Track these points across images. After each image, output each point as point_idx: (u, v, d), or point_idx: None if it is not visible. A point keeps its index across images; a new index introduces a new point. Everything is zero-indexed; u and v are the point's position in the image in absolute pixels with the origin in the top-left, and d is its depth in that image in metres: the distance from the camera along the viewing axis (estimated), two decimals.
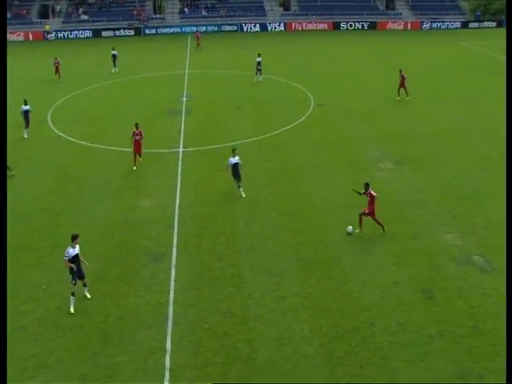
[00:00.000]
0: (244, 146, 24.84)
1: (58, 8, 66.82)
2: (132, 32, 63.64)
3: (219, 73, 41.16)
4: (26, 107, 25.84)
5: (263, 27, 65.75)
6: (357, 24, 66.44)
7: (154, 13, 69.21)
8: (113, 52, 41.70)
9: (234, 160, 19.40)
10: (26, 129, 26.24)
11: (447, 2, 70.82)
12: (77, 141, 26.15)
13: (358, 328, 12.99)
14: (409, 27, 66.95)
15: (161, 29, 64.77)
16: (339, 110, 30.67)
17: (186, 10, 68.78)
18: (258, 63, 37.09)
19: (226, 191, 20.24)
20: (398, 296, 14.13)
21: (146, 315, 13.46)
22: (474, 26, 67.80)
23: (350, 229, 17.09)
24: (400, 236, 16.99)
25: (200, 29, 62.97)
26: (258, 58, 37.15)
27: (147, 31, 64.23)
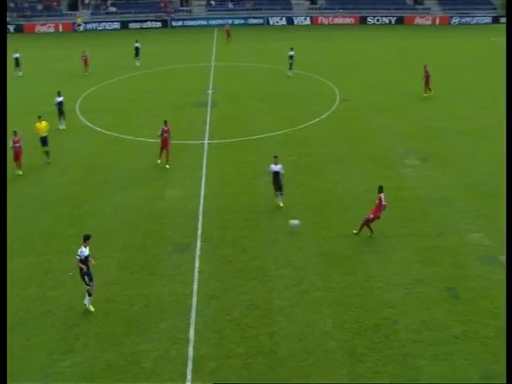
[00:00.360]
0: (269, 139, 24.87)
1: (86, 0, 67.50)
2: (159, 24, 63.95)
3: (245, 66, 41.13)
4: (60, 98, 26.08)
5: (289, 21, 65.39)
6: (384, 18, 65.55)
7: (181, 5, 69.35)
8: (136, 44, 41.70)
9: (275, 168, 17.96)
10: (61, 120, 26.41)
11: None
12: (104, 131, 26.50)
13: (380, 325, 12.94)
14: (437, 22, 65.74)
15: (187, 21, 64.91)
16: (365, 105, 30.39)
17: (213, 2, 68.74)
18: (290, 57, 36.61)
19: (251, 184, 20.29)
20: (421, 294, 14.01)
21: (170, 305, 13.63)
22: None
23: (293, 223, 16.70)
24: (425, 233, 16.82)
25: (226, 22, 62.94)
26: (291, 52, 36.73)
27: (174, 23, 64.46)
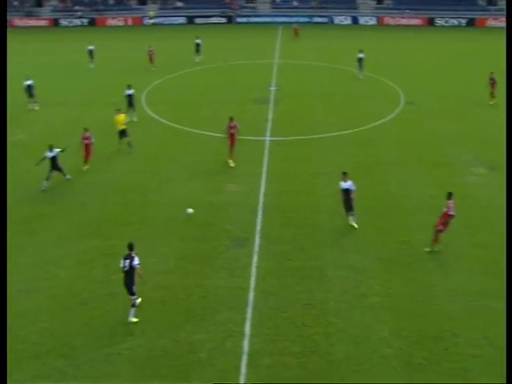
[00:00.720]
0: (331, 139, 24.65)
1: None
2: (224, 20, 64.66)
3: (308, 64, 40.88)
4: (130, 91, 26.69)
5: (354, 20, 64.44)
6: (453, 20, 63.32)
7: (246, 2, 69.79)
8: (196, 41, 41.94)
9: (344, 185, 16.64)
10: (130, 112, 26.75)
11: None
12: (168, 123, 27.09)
13: (440, 336, 12.53)
14: None
15: (252, 18, 65.25)
16: (430, 109, 29.51)
17: None
18: (360, 59, 35.71)
19: (311, 183, 20.17)
20: (485, 307, 13.47)
21: (227, 297, 13.75)
22: None
23: (188, 211, 17.19)
24: (491, 245, 16.14)
25: (290, 19, 62.76)
26: (360, 54, 35.81)
27: (238, 20, 64.98)
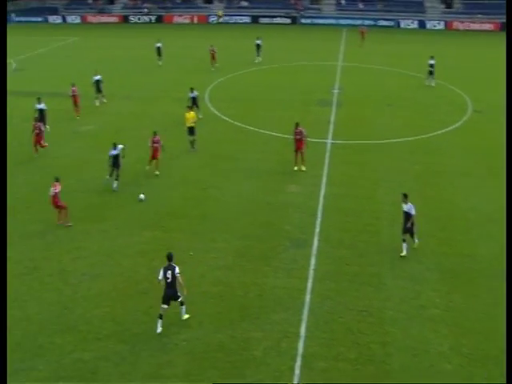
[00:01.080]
0: (394, 144, 24.18)
1: None
2: (288, 20, 64.74)
3: (372, 68, 40.26)
4: (194, 94, 26.83)
5: (421, 24, 62.89)
6: None
7: (311, 3, 69.56)
8: (257, 41, 41.94)
9: (405, 207, 15.70)
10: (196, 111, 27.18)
11: None
12: (230, 120, 27.44)
13: (503, 358, 12.00)
14: None
15: (316, 19, 64.97)
16: (500, 119, 28.30)
17: (343, 2, 68.12)
18: (431, 65, 34.38)
19: (372, 189, 19.87)
20: None
21: (284, 298, 13.76)
22: None
23: (141, 196, 18.13)
24: None
25: (355, 22, 62.10)
26: (431, 61, 34.53)
27: (303, 21, 64.88)
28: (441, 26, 62.48)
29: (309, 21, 64.80)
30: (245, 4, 68.64)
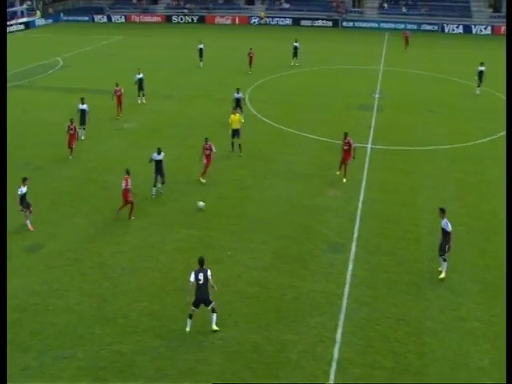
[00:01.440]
0: (435, 152, 23.73)
1: None
2: (330, 23, 64.35)
3: (415, 73, 39.57)
4: (239, 95, 26.90)
5: (467, 29, 61.38)
6: None
7: (353, 6, 68.93)
8: (295, 44, 41.35)
9: (442, 222, 14.62)
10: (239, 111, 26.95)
11: None
12: (270, 122, 27.45)
13: None
14: None
15: (358, 22, 64.33)
16: None
17: (386, 5, 67.25)
18: (480, 72, 32.99)
19: (412, 196, 19.55)
20: None
21: (320, 302, 13.67)
22: None
23: (200, 204, 17.79)
24: None
25: (398, 26, 61.21)
26: (481, 67, 33.19)
27: (344, 24, 64.35)
28: (488, 30, 60.85)
29: (351, 24, 64.22)
30: (286, 6, 68.61)
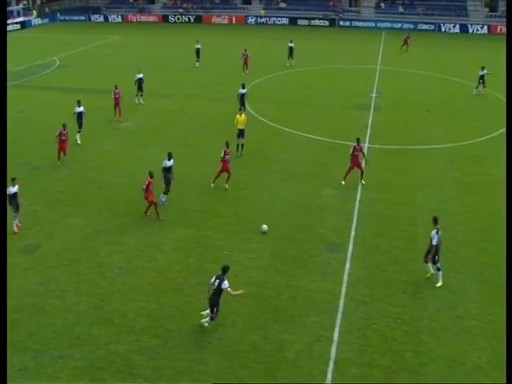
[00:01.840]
0: (433, 151, 23.75)
1: None
2: (326, 23, 64.37)
3: (412, 72, 39.60)
4: (243, 90, 26.99)
5: (463, 28, 61.50)
6: None
7: (350, 5, 69.01)
8: (290, 44, 40.98)
9: (433, 233, 14.28)
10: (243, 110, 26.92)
11: None
12: (267, 121, 27.44)
13: None
14: None
15: (355, 22, 64.36)
16: None
17: (383, 4, 67.33)
18: (482, 76, 32.62)
19: (409, 195, 19.56)
20: None
21: (317, 301, 13.68)
22: None
23: (264, 228, 16.68)
24: None
25: (394, 25, 61.35)
26: (482, 72, 32.71)
27: (341, 23, 64.38)
28: (484, 30, 61.01)
29: (347, 23, 64.26)
30: (283, 5, 68.60)
